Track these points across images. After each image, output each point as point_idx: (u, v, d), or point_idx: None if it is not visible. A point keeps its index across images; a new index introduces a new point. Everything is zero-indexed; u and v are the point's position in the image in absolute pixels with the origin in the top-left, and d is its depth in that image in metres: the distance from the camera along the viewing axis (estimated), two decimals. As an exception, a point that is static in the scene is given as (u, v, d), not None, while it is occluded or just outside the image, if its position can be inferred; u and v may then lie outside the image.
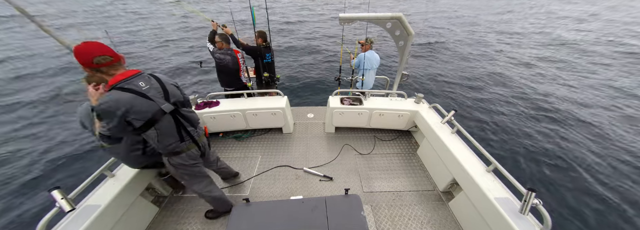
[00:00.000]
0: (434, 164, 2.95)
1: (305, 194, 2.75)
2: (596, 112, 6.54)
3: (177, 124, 1.67)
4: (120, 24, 15.45)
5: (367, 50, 3.85)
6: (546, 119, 6.40)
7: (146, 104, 1.48)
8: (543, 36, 14.05)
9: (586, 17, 19.74)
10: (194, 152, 1.86)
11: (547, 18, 19.69)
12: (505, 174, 2.00)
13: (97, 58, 1.34)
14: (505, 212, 1.81)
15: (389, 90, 3.92)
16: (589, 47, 11.85)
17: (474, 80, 8.35)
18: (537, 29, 15.75)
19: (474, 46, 12.15)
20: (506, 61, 10.08)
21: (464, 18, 19.71)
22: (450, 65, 9.66)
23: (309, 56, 10.52)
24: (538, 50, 11.57)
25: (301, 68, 9.15)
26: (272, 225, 1.75)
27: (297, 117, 4.22)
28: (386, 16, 2.99)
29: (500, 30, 15.60)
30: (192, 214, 2.52)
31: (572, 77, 8.65)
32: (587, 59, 10.35)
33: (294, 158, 3.29)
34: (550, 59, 10.35)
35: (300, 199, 1.97)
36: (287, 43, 12.24)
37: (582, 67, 9.49)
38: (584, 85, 7.96)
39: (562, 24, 17.38)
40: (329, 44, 12.23)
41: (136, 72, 1.52)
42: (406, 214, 2.52)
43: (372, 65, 3.90)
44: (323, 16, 19.87)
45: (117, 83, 1.42)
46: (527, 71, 9.09)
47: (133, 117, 1.45)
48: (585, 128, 5.96)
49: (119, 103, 1.38)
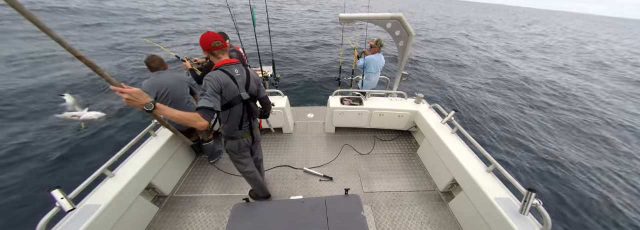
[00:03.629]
0: (434, 164, 2.95)
1: (305, 194, 2.75)
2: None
3: (243, 112, 1.89)
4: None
5: (375, 52, 3.82)
6: (547, 119, 6.41)
7: (234, 87, 1.72)
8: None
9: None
10: (246, 141, 2.04)
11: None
12: (505, 174, 2.00)
13: (214, 42, 1.64)
14: (505, 212, 1.81)
15: (389, 90, 3.92)
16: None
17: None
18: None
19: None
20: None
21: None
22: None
23: (309, 56, 10.52)
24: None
25: (301, 68, 9.16)
26: (272, 225, 1.75)
27: (297, 117, 4.21)
28: (386, 16, 2.99)
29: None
30: (192, 214, 2.52)
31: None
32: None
33: (294, 158, 3.29)
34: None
35: (300, 199, 1.97)
36: (287, 43, 12.24)
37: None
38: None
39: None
40: (330, 43, 12.22)
41: (235, 61, 1.77)
42: (406, 214, 2.52)
43: (377, 68, 3.88)
44: (325, 19, 19.88)
45: (221, 65, 1.71)
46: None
47: (223, 95, 1.67)
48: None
49: (220, 79, 1.63)
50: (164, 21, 16.51)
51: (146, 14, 18.12)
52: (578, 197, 4.18)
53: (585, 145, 5.78)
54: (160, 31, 13.73)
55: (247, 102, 1.86)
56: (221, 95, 1.65)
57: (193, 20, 17.76)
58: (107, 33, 12.33)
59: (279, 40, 12.55)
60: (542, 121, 6.81)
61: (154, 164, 2.51)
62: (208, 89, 1.56)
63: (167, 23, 16.02)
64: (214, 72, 1.67)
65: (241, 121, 1.90)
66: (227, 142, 2.02)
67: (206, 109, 1.49)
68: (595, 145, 5.84)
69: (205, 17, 19.06)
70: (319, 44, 12.23)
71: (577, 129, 6.51)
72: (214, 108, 1.51)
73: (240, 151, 2.07)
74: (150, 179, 2.48)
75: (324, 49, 11.35)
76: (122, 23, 14.75)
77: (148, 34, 12.88)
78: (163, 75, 2.63)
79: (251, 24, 3.65)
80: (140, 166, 2.32)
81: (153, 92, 2.55)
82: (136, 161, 2.38)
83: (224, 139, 2.03)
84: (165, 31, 13.78)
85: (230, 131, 1.93)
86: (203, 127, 1.48)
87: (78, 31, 12.19)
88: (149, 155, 2.46)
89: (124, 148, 2.30)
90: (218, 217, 2.49)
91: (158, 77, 2.60)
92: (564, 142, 5.87)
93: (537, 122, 6.69)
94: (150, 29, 14.19)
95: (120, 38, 11.58)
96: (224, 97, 1.69)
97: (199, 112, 1.45)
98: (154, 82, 2.57)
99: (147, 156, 2.44)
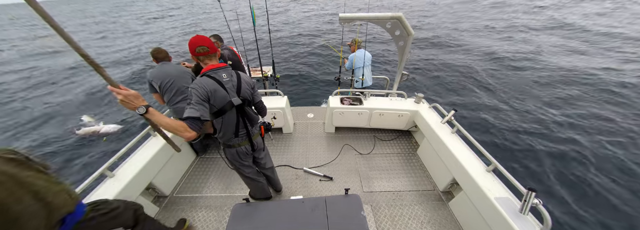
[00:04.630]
0: (434, 163, 2.95)
1: (305, 194, 2.75)
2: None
3: (238, 119, 1.81)
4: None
5: (355, 50, 4.01)
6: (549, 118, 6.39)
7: (222, 93, 1.64)
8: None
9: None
10: (244, 149, 1.97)
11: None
12: (505, 174, 2.00)
13: (198, 48, 1.58)
14: (505, 212, 1.81)
15: (389, 90, 3.92)
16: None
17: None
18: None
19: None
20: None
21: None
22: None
23: (309, 56, 10.52)
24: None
25: (301, 68, 9.16)
26: (272, 225, 1.75)
27: (297, 117, 4.22)
28: (386, 16, 2.99)
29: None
30: (192, 214, 2.52)
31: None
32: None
33: (293, 158, 3.29)
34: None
35: (300, 199, 1.97)
36: (287, 42, 12.24)
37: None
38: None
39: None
40: (330, 43, 12.22)
41: (223, 65, 1.71)
42: (406, 213, 2.52)
43: (364, 62, 3.96)
44: (323, 18, 19.89)
45: (207, 71, 1.65)
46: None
47: (211, 103, 1.61)
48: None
49: (206, 86, 1.57)
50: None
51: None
52: (579, 196, 4.17)
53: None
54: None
55: (240, 108, 1.78)
56: (209, 102, 1.58)
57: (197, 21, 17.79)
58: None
59: (279, 40, 12.55)
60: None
61: (154, 164, 2.51)
62: (193, 98, 1.51)
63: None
64: (200, 79, 1.61)
65: (237, 128, 1.83)
66: (226, 150, 1.97)
67: (193, 119, 1.43)
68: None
69: (206, 17, 19.09)
70: (319, 44, 12.22)
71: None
72: (200, 117, 1.45)
73: (240, 159, 2.01)
74: (150, 179, 2.48)
75: (324, 49, 11.36)
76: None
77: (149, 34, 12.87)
78: (167, 66, 2.74)
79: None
80: (140, 166, 2.32)
81: (158, 81, 2.67)
82: (136, 161, 2.38)
83: (223, 148, 1.98)
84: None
85: (226, 139, 1.87)
86: (190, 138, 1.44)
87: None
88: (149, 155, 2.46)
89: (124, 148, 2.30)
90: (218, 217, 2.49)
91: (163, 67, 2.72)
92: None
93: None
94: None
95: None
96: (213, 104, 1.62)
97: (186, 123, 1.41)
98: (159, 72, 2.69)
99: (147, 156, 2.44)
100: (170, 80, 2.68)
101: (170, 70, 2.72)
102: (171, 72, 2.71)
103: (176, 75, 2.72)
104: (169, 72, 2.70)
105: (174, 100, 2.75)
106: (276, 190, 2.74)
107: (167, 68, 2.73)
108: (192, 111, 1.46)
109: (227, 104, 1.68)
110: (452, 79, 7.77)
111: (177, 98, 2.76)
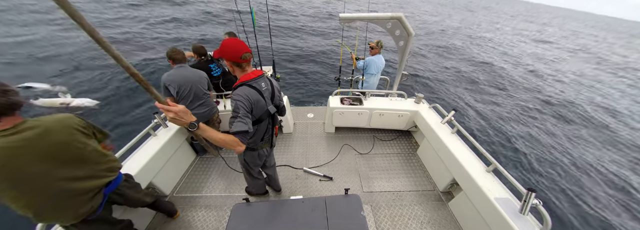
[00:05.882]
0: (434, 164, 2.95)
1: (305, 194, 2.75)
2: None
3: (268, 125, 1.82)
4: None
5: (375, 54, 3.81)
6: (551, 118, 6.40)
7: (262, 103, 1.62)
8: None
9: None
10: (265, 152, 1.98)
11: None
12: (505, 174, 2.00)
13: (245, 54, 1.50)
14: (505, 212, 1.81)
15: (389, 90, 3.92)
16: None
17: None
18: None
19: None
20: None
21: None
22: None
23: (310, 55, 10.52)
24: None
25: (301, 68, 9.15)
26: (272, 225, 1.76)
27: (297, 117, 4.21)
28: (386, 16, 2.99)
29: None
30: (192, 214, 2.52)
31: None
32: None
33: (293, 158, 3.29)
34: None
35: (300, 199, 1.97)
36: (287, 42, 12.24)
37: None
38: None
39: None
40: (330, 43, 12.22)
41: (261, 73, 1.65)
42: (406, 213, 2.52)
43: (378, 69, 3.88)
44: (322, 15, 19.86)
45: (249, 80, 1.57)
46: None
47: (253, 113, 1.57)
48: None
49: (250, 98, 1.53)
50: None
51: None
52: (579, 196, 4.18)
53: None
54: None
55: (273, 114, 1.78)
56: (252, 113, 1.57)
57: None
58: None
59: (280, 40, 12.54)
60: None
61: (154, 164, 2.51)
62: (240, 111, 1.47)
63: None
64: (243, 89, 1.54)
65: (265, 133, 1.84)
66: (246, 153, 1.93)
67: (243, 132, 1.43)
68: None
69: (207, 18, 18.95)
70: (320, 43, 12.22)
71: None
72: (248, 130, 1.45)
73: (258, 160, 2.01)
74: (150, 178, 2.48)
75: (325, 49, 11.35)
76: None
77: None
78: (185, 71, 2.59)
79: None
80: (140, 166, 2.32)
81: (176, 86, 2.52)
82: (136, 161, 2.38)
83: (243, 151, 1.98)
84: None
85: (252, 143, 1.86)
86: (240, 151, 1.47)
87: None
88: (149, 155, 2.46)
89: (124, 148, 2.30)
90: (218, 217, 2.49)
91: (181, 71, 2.57)
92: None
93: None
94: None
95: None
96: (254, 114, 1.60)
97: (237, 137, 1.41)
98: (177, 76, 2.54)
99: (147, 156, 2.44)
100: (189, 86, 2.56)
101: (188, 75, 2.58)
102: (190, 77, 2.58)
103: (194, 80, 2.60)
104: (188, 78, 2.57)
105: (192, 106, 2.66)
106: (276, 190, 2.74)
107: (186, 73, 2.58)
108: (240, 125, 1.44)
109: (264, 113, 1.67)
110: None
111: (195, 104, 2.68)
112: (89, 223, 1.53)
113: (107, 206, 1.64)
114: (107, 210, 1.67)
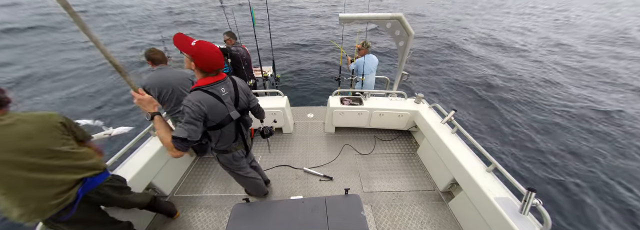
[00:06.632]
0: (434, 164, 2.95)
1: (305, 194, 2.75)
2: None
3: (237, 128, 1.78)
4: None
5: (364, 54, 3.87)
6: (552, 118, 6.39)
7: (221, 108, 1.56)
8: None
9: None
10: (240, 153, 1.95)
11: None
12: (505, 174, 2.00)
13: (218, 69, 1.50)
14: (505, 212, 1.81)
15: (389, 90, 3.92)
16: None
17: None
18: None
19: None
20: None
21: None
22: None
23: (310, 55, 10.52)
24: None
25: (301, 68, 9.15)
26: (272, 225, 1.76)
27: (297, 117, 4.22)
28: (386, 16, 2.99)
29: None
30: (192, 214, 2.52)
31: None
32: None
33: (294, 158, 3.29)
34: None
35: (300, 199, 1.97)
36: (287, 42, 12.24)
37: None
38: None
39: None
40: (330, 43, 12.22)
41: (222, 77, 1.59)
42: (406, 213, 2.52)
43: (371, 69, 3.91)
44: (323, 16, 19.86)
45: (204, 85, 1.51)
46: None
47: (210, 118, 1.53)
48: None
49: (202, 104, 1.46)
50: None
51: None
52: (579, 196, 4.16)
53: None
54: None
55: (240, 119, 1.74)
56: (208, 118, 1.51)
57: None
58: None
59: (280, 40, 12.54)
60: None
61: (154, 164, 2.51)
62: (185, 116, 1.41)
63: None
64: (196, 94, 1.46)
65: (235, 137, 1.80)
66: (220, 156, 1.90)
67: (180, 139, 1.37)
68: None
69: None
70: (319, 44, 12.21)
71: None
72: (187, 138, 1.38)
73: (234, 162, 1.97)
74: (150, 179, 2.48)
75: (325, 49, 11.34)
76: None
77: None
78: (166, 72, 2.44)
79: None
80: (140, 166, 2.32)
81: (156, 90, 2.39)
82: (136, 161, 2.38)
83: (216, 154, 1.91)
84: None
85: (223, 147, 1.83)
86: (175, 156, 1.44)
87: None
88: (149, 155, 2.46)
89: (124, 148, 2.30)
90: (218, 217, 2.49)
91: (161, 73, 2.43)
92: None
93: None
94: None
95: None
96: (212, 120, 1.54)
97: (174, 142, 1.37)
98: (157, 79, 2.40)
99: (147, 156, 2.44)
100: (170, 89, 2.43)
101: (169, 77, 2.43)
102: (170, 80, 2.42)
103: (176, 83, 2.45)
104: (168, 81, 2.42)
105: (175, 109, 2.57)
106: (264, 181, 2.69)
107: (166, 75, 2.43)
108: (180, 131, 1.38)
109: (225, 119, 1.61)
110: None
111: (178, 107, 2.57)
112: (76, 223, 1.56)
113: (87, 206, 1.60)
114: (91, 211, 1.65)
